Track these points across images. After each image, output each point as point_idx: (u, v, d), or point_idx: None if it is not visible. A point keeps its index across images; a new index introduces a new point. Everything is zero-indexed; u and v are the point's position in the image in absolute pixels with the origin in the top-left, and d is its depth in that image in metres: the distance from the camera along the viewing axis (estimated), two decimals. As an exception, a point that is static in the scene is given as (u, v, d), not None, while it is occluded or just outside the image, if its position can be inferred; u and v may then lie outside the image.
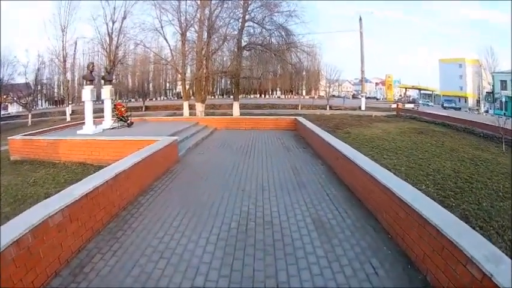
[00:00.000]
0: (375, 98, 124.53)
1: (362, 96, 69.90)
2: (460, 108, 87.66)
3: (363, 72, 70.11)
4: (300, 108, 64.00)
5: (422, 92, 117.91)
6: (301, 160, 14.48)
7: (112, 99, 23.57)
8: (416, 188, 7.43)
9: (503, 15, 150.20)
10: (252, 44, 41.58)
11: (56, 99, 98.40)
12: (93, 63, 22.46)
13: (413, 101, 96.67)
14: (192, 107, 42.80)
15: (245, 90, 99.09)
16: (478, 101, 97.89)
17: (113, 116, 22.81)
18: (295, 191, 10.13)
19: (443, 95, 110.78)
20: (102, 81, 24.13)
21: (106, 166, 9.21)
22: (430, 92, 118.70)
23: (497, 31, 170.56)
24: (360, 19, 67.52)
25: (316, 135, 16.43)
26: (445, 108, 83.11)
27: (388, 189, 6.98)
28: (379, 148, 21.80)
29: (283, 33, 40.98)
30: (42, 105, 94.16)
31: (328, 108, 63.01)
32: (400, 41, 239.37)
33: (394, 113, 52.09)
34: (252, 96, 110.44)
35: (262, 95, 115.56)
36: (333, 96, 73.08)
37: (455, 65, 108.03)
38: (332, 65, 77.94)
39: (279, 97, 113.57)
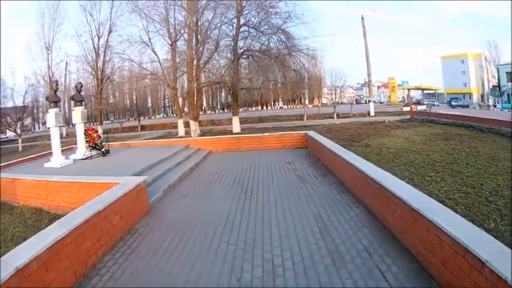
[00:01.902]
0: (379, 101, 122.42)
1: (370, 101, 67.12)
2: (468, 106, 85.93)
3: (369, 75, 67.52)
4: (305, 118, 61.14)
5: (425, 92, 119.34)
6: (326, 200, 10.44)
7: (85, 123, 20.48)
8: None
9: (502, 7, 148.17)
10: (249, 51, 38.97)
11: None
12: (57, 81, 20.57)
13: (418, 102, 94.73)
14: (188, 125, 39.96)
15: (246, 103, 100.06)
16: (483, 96, 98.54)
17: (86, 143, 19.80)
18: (329, 274, 6.14)
19: (447, 93, 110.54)
20: (72, 103, 21.89)
21: (63, 216, 7.65)
22: (434, 91, 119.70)
23: (497, 23, 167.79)
24: (362, 18, 64.86)
25: (336, 156, 12.83)
26: (453, 106, 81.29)
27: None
28: (412, 165, 17.91)
29: (282, 37, 38.53)
30: (39, 128, 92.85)
31: (335, 116, 59.92)
32: (398, 42, 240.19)
33: (408, 116, 49.02)
34: (253, 108, 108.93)
35: (264, 107, 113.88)
36: (337, 103, 69.59)
37: (458, 61, 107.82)
38: (337, 70, 74.41)
39: (281, 108, 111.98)
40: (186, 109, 47.12)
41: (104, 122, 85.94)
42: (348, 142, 26.21)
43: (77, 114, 19.70)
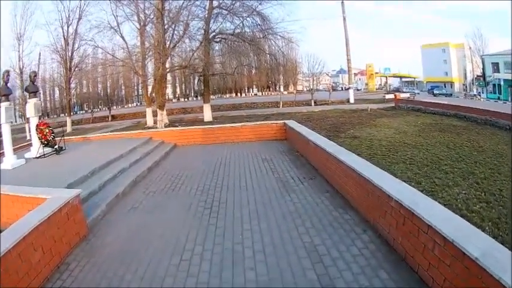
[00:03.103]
0: (356, 88, 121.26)
1: (350, 87, 65.69)
2: (451, 95, 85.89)
3: (349, 60, 65.33)
4: (281, 105, 59.01)
5: (403, 79, 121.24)
6: (319, 219, 7.82)
7: (39, 117, 17.88)
8: None
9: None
10: (222, 34, 37.46)
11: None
12: (8, 72, 16.93)
13: (397, 90, 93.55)
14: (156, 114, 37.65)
15: (220, 89, 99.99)
16: (465, 86, 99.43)
17: (38, 139, 17.19)
18: None
19: (427, 82, 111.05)
20: (27, 94, 19.76)
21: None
22: (412, 79, 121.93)
23: (482, 14, 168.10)
24: (342, 2, 62.51)
25: (327, 154, 10.38)
26: (435, 95, 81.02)
27: None
28: (414, 163, 15.96)
29: (257, 20, 37.05)
30: (16, 121, 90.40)
31: (313, 103, 58.36)
32: (378, 31, 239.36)
33: (392, 104, 47.77)
34: (227, 95, 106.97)
35: (238, 94, 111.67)
36: (312, 90, 66.62)
37: (439, 50, 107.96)
38: (314, 55, 71.75)
39: (256, 94, 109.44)
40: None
41: (79, 112, 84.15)
42: (332, 133, 24.63)
43: (30, 107, 17.23)
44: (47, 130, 16.96)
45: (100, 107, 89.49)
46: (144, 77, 39.02)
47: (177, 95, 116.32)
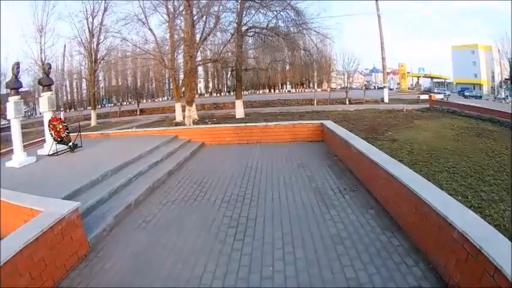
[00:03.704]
0: (388, 88, 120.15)
1: (384, 87, 64.49)
2: (481, 97, 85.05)
3: (383, 59, 64.04)
4: (315, 103, 57.87)
5: (434, 80, 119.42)
6: (365, 246, 6.43)
7: (53, 111, 16.65)
8: None
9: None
10: (255, 28, 36.15)
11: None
12: (18, 64, 15.78)
13: (429, 90, 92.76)
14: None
15: (253, 85, 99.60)
16: (493, 88, 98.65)
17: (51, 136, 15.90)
18: None
19: (456, 83, 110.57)
20: (40, 88, 17.67)
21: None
22: (443, 80, 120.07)
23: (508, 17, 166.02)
24: (376, 1, 60.87)
25: (374, 164, 8.83)
26: (465, 97, 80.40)
27: None
28: (457, 172, 14.84)
29: (291, 14, 35.54)
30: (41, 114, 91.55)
31: (347, 102, 56.94)
32: (408, 30, 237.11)
33: (426, 105, 46.36)
34: (260, 91, 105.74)
35: (272, 90, 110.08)
36: (346, 88, 64.93)
37: (468, 51, 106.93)
38: (349, 53, 70.56)
39: (289, 91, 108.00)
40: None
41: (107, 105, 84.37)
42: (370, 134, 23.37)
43: (44, 101, 15.91)
44: (61, 126, 15.61)
45: (129, 100, 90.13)
46: (173, 70, 37.80)
47: (209, 90, 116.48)
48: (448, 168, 15.29)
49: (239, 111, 38.42)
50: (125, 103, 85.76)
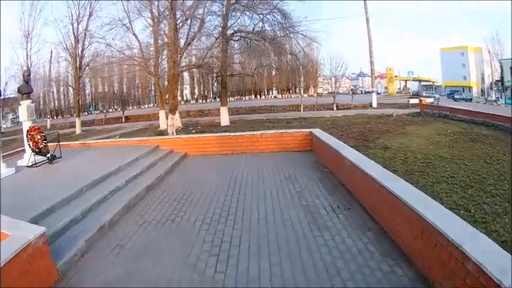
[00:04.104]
0: (376, 92, 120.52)
1: (373, 91, 63.28)
2: (471, 99, 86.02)
3: (372, 63, 63.45)
4: (302, 109, 57.11)
5: (422, 83, 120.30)
6: (365, 277, 5.72)
7: (33, 121, 15.97)
8: None
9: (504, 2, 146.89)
10: (241, 32, 35.62)
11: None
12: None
13: (417, 94, 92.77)
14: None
15: (239, 91, 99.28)
16: (483, 90, 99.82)
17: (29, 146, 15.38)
18: None
19: (445, 86, 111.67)
20: (20, 96, 17.01)
21: None
22: (431, 84, 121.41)
23: (500, 19, 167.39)
24: (365, 1, 60.78)
25: (369, 178, 8.09)
26: (455, 100, 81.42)
27: None
28: (455, 183, 13.94)
29: (278, 17, 35.28)
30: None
31: (335, 107, 56.18)
32: (395, 33, 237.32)
33: (417, 110, 45.52)
34: (246, 98, 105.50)
35: (258, 96, 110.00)
36: (334, 93, 63.31)
37: (457, 53, 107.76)
38: (337, 57, 70.08)
39: (275, 97, 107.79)
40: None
41: (94, 112, 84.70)
42: (361, 142, 22.67)
43: (23, 109, 15.41)
44: (39, 136, 15.01)
45: (115, 107, 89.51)
46: (157, 76, 37.38)
47: (195, 96, 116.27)
48: (446, 178, 14.58)
49: (224, 118, 37.73)
50: (111, 110, 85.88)
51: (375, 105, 56.48)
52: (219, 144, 17.49)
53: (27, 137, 15.11)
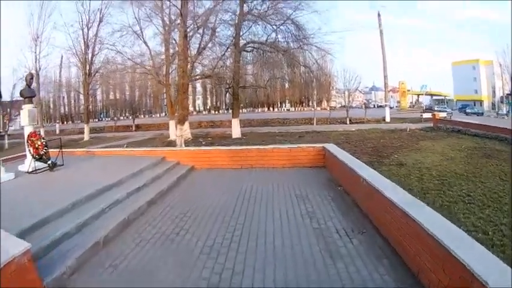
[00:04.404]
0: (389, 106, 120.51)
1: (386, 105, 63.38)
2: (482, 114, 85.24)
3: (385, 77, 64.17)
4: (315, 123, 56.51)
5: (434, 98, 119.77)
6: None
7: (34, 126, 15.53)
8: None
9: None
10: (254, 43, 35.06)
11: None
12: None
13: (430, 108, 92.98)
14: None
15: (251, 103, 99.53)
16: (494, 104, 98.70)
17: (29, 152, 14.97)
18: None
19: (457, 100, 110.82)
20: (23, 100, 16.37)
21: None
22: (443, 98, 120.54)
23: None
24: (379, 15, 61.49)
25: (388, 203, 7.27)
26: (467, 114, 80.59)
27: None
28: (473, 202, 13.08)
29: (291, 29, 34.51)
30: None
31: (348, 121, 55.68)
32: (406, 47, 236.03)
33: (430, 124, 44.94)
34: (259, 110, 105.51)
35: (271, 108, 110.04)
36: (347, 107, 63.33)
37: (469, 67, 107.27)
38: (350, 70, 69.42)
39: (288, 110, 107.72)
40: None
41: (105, 119, 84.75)
42: (375, 158, 21.87)
43: (24, 114, 14.92)
44: (39, 142, 14.56)
45: (126, 115, 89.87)
46: (167, 85, 36.73)
47: (207, 107, 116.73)
48: (463, 197, 13.81)
49: (235, 130, 37.08)
50: (122, 118, 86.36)
51: (388, 119, 56.04)
52: (229, 158, 16.81)
53: (27, 142, 14.65)
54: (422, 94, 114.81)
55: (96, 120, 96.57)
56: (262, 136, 36.89)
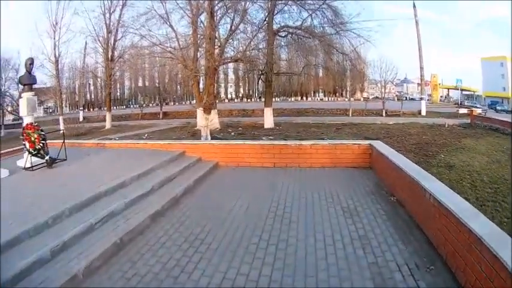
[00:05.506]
0: (425, 99, 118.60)
1: (422, 99, 61.43)
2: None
3: (422, 68, 60.63)
4: (350, 114, 55.45)
5: (463, 93, 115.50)
6: None
7: (33, 116, 13.87)
8: None
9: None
10: (289, 27, 33.51)
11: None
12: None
13: (461, 103, 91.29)
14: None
15: (284, 91, 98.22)
16: None
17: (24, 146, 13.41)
18: None
19: (486, 96, 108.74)
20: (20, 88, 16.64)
21: None
22: (472, 93, 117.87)
23: None
24: (414, 6, 58.49)
25: (472, 236, 5.01)
26: (497, 111, 78.65)
27: None
28: None
29: (327, 14, 32.75)
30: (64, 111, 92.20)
31: (384, 113, 54.35)
32: (434, 38, 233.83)
33: (466, 120, 43.09)
34: (292, 99, 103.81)
35: (304, 98, 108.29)
36: (383, 98, 61.86)
37: (497, 63, 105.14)
38: (386, 60, 67.20)
39: (321, 99, 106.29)
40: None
41: (132, 107, 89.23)
42: (421, 157, 20.16)
43: (23, 103, 13.34)
44: (36, 135, 12.83)
45: (157, 102, 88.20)
46: (193, 71, 33.85)
47: (239, 95, 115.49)
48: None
49: (268, 120, 35.62)
50: (150, 105, 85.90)
51: (424, 113, 54.47)
52: (260, 155, 14.43)
53: (22, 135, 13.10)
54: (456, 88, 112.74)
55: (123, 107, 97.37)
56: (296, 126, 35.21)
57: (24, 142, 12.86)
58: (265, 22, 33.00)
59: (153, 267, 6.09)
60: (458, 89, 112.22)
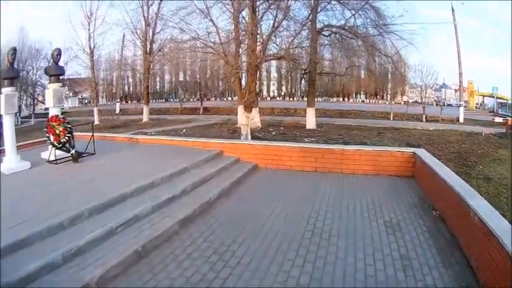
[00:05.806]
0: (457, 105, 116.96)
1: (460, 105, 59.49)
2: None
3: (461, 74, 59.47)
4: (391, 117, 54.92)
5: (498, 100, 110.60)
6: None
7: (61, 108, 14.11)
8: None
9: None
10: (332, 27, 33.14)
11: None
12: (15, 49, 13.20)
13: (494, 111, 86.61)
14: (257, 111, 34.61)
15: (327, 92, 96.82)
16: None
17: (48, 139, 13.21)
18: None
19: None
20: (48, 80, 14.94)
21: None
22: (505, 101, 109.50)
23: None
24: (453, 10, 55.99)
25: None
26: None
27: None
28: None
29: (370, 15, 32.31)
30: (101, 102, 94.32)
31: (424, 118, 53.31)
32: (471, 46, 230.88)
33: (501, 130, 40.48)
34: (334, 99, 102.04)
35: (346, 99, 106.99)
36: (423, 103, 59.72)
37: None
38: (428, 65, 66.51)
39: (363, 101, 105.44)
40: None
41: (174, 100, 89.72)
42: (461, 167, 19.28)
43: (49, 94, 13.31)
44: (61, 128, 12.57)
45: (197, 97, 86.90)
46: (234, 67, 33.36)
47: (282, 93, 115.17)
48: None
49: (310, 120, 34.92)
50: (191, 100, 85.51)
51: (461, 120, 53.20)
52: (301, 158, 13.93)
53: (46, 128, 12.86)
54: (492, 96, 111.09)
55: (163, 100, 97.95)
56: (338, 129, 34.56)
57: (48, 134, 12.64)
58: (308, 20, 32.23)
59: (175, 280, 5.63)
60: (493, 97, 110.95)
